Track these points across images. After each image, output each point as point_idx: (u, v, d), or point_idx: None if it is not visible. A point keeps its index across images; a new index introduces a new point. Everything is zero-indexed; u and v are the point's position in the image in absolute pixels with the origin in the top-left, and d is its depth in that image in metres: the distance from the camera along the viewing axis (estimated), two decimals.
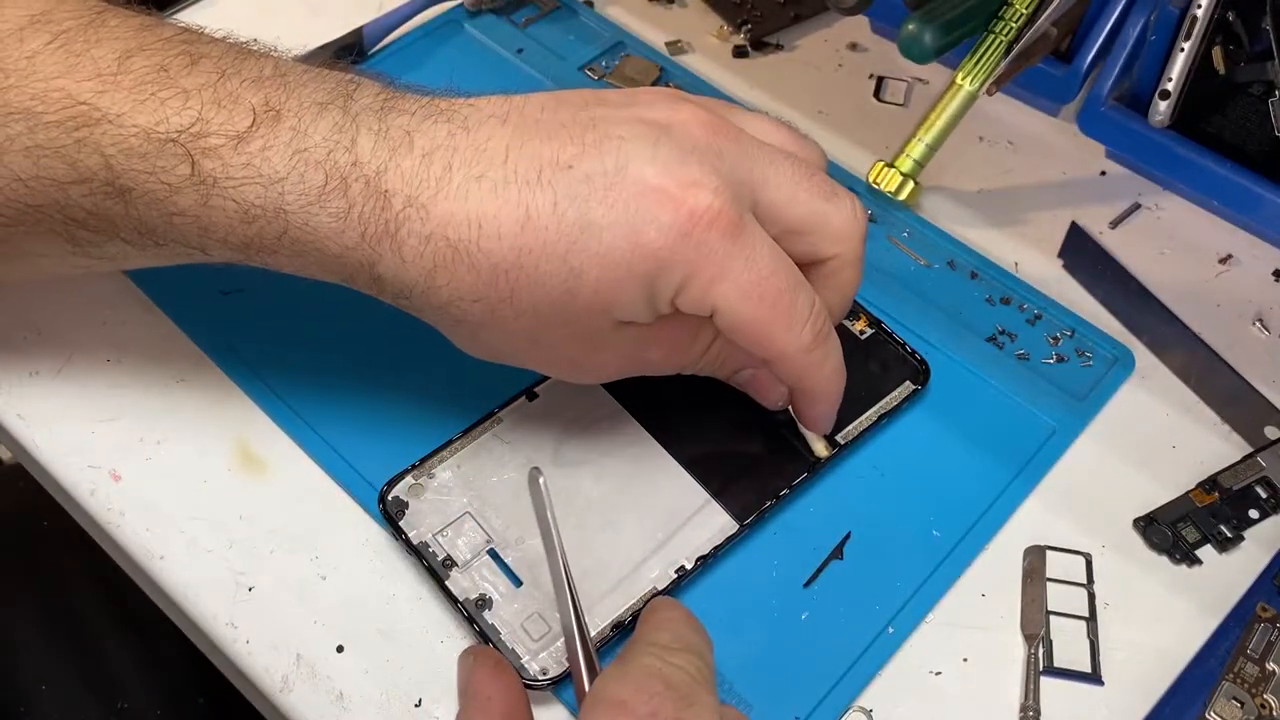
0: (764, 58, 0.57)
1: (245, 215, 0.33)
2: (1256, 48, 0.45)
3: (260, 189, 0.33)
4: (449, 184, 0.33)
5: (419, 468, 0.40)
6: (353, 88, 0.35)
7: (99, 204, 0.34)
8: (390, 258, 0.34)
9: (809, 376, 0.37)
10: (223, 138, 0.33)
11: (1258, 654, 0.38)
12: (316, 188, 0.33)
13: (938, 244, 0.49)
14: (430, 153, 0.33)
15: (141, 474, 0.41)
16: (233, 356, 0.43)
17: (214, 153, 0.33)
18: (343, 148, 0.33)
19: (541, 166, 0.33)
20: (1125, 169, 0.53)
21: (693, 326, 0.37)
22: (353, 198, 0.33)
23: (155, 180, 0.33)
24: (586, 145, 0.34)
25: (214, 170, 0.33)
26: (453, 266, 0.33)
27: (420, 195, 0.33)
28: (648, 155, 0.33)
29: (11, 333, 0.44)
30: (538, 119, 0.35)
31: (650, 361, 0.38)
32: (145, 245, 0.35)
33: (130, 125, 0.33)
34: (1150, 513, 0.42)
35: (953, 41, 0.45)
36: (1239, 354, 0.46)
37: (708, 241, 0.33)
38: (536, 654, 0.37)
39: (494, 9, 0.57)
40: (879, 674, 0.38)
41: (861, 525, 0.41)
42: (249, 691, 0.38)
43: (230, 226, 0.34)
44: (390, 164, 0.33)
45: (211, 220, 0.34)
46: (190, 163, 0.33)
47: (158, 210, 0.34)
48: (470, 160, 0.33)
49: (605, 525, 0.39)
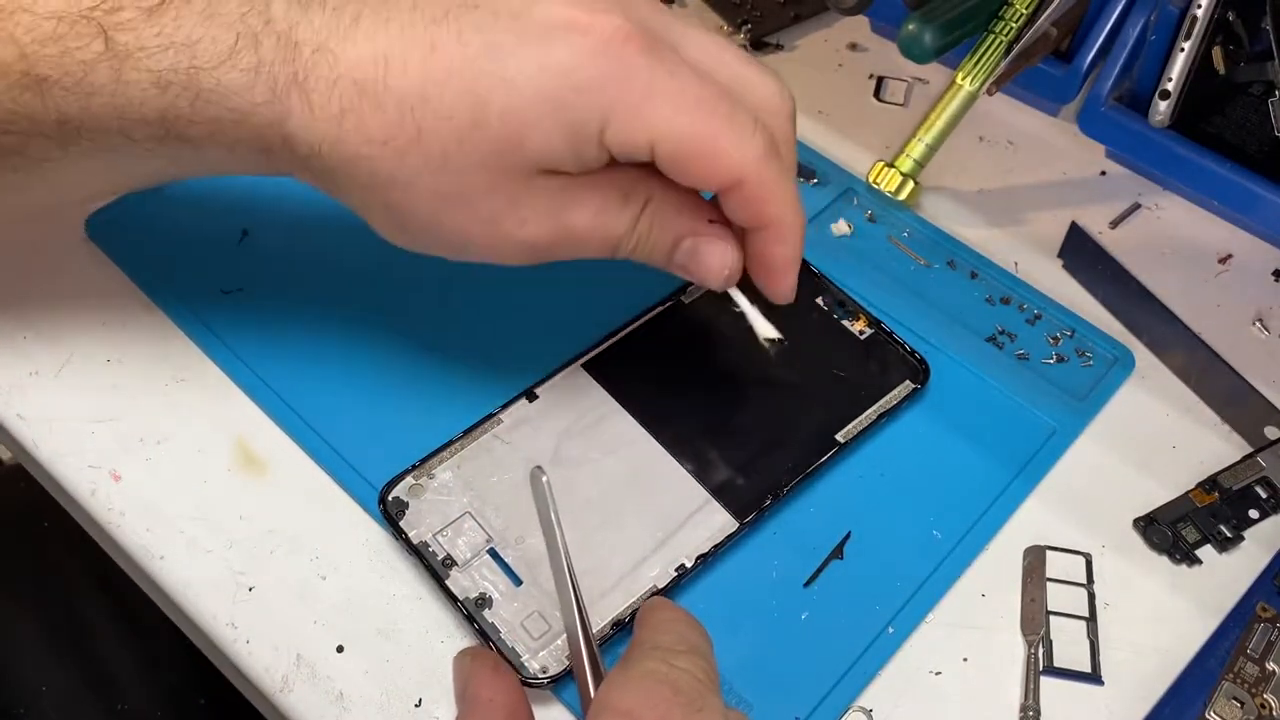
0: (764, 58, 0.57)
1: (159, 82, 0.33)
2: (1256, 48, 0.45)
3: (172, 55, 0.33)
4: (357, 29, 0.33)
5: (419, 468, 0.40)
6: None
7: (17, 98, 0.33)
8: (299, 110, 0.33)
9: (772, 198, 0.34)
10: (135, 10, 0.33)
11: (1258, 654, 0.38)
12: (227, 46, 0.33)
13: (938, 244, 0.49)
14: (341, 6, 0.34)
15: (141, 474, 0.41)
16: (233, 356, 0.43)
17: (127, 25, 0.33)
18: (255, 11, 0.33)
19: (449, 7, 0.33)
20: (1125, 169, 0.53)
21: (623, 184, 0.35)
22: (263, 53, 0.33)
23: (70, 60, 0.33)
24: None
25: (127, 42, 0.33)
26: (360, 109, 0.33)
27: (329, 41, 0.33)
28: None
29: (11, 333, 0.44)
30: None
31: (576, 226, 0.35)
32: (67, 140, 0.35)
33: (44, 10, 0.33)
34: (1150, 513, 0.42)
35: (953, 41, 0.45)
36: (1239, 354, 0.46)
37: (625, 55, 0.32)
38: (536, 653, 0.37)
39: None
40: (879, 674, 0.38)
41: (861, 525, 0.41)
42: (249, 691, 0.38)
43: (145, 98, 0.33)
44: (302, 19, 0.33)
45: (127, 96, 0.33)
46: (104, 38, 0.33)
47: (75, 94, 0.33)
48: (379, 8, 0.33)
49: (605, 524, 0.39)
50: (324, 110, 0.33)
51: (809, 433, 0.42)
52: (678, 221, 0.36)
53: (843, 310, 0.46)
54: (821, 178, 0.51)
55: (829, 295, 0.46)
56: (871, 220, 0.50)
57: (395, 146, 0.33)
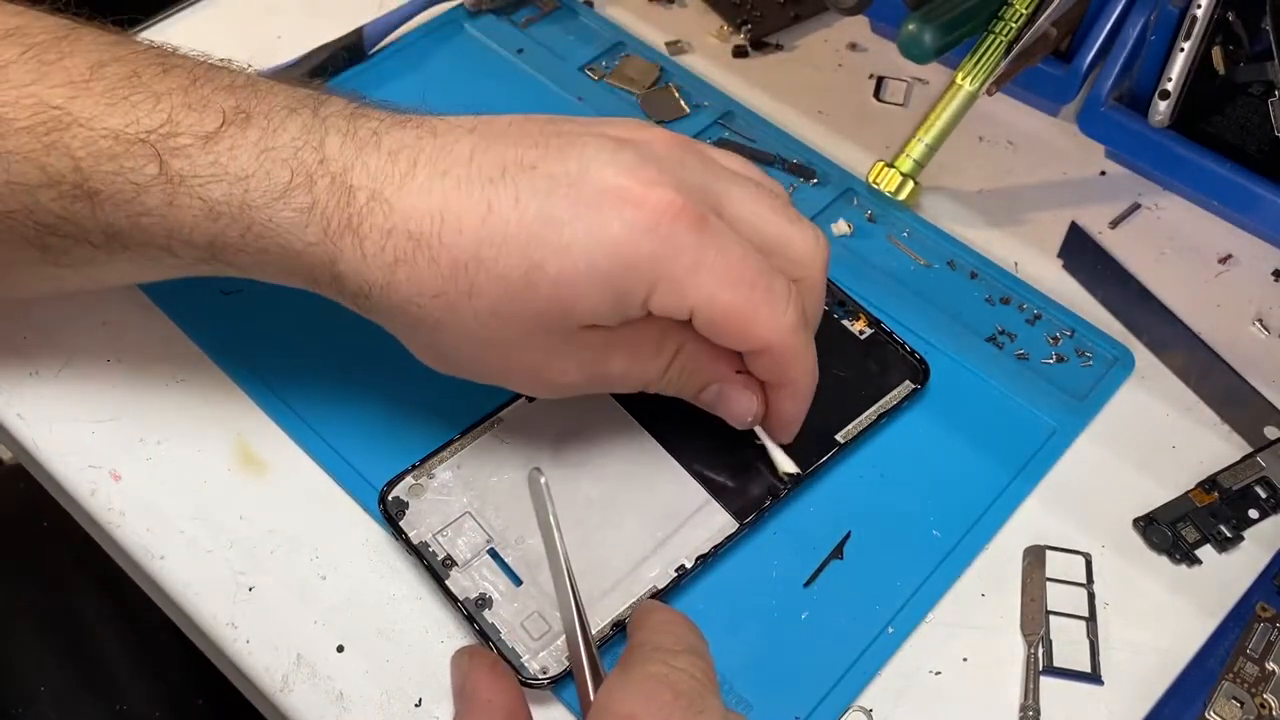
0: (764, 58, 0.57)
1: (210, 212, 0.34)
2: (1256, 48, 0.45)
3: (226, 186, 0.33)
4: (413, 180, 0.33)
5: (419, 468, 0.40)
6: (323, 97, 0.36)
7: (68, 207, 0.34)
8: (351, 253, 0.34)
9: (795, 364, 0.36)
10: (191, 137, 0.33)
11: (1257, 654, 0.38)
12: (282, 184, 0.33)
13: (938, 244, 0.49)
14: (396, 151, 0.34)
15: (141, 474, 0.41)
16: (233, 356, 0.43)
17: (182, 152, 0.33)
18: (310, 147, 0.34)
19: (505, 166, 0.34)
20: (1125, 169, 0.53)
21: (657, 335, 0.36)
22: (317, 193, 0.33)
23: (124, 180, 0.33)
24: (549, 150, 0.34)
25: (181, 169, 0.33)
26: (413, 260, 0.33)
27: (384, 190, 0.33)
28: (609, 159, 0.34)
29: (11, 333, 0.44)
30: (504, 130, 0.35)
31: (612, 374, 0.37)
32: (113, 249, 0.35)
33: (101, 128, 0.33)
34: (1150, 513, 0.42)
35: (953, 41, 0.45)
36: (1239, 354, 0.46)
37: (675, 234, 0.33)
38: (536, 653, 0.37)
39: (494, 9, 0.57)
40: (879, 674, 0.38)
41: (861, 525, 0.41)
42: (249, 691, 0.38)
43: (196, 224, 0.34)
44: (357, 161, 0.34)
45: (178, 219, 0.34)
46: (158, 162, 0.33)
47: (125, 211, 0.34)
48: (435, 159, 0.34)
49: (605, 525, 0.39)
50: (376, 258, 0.34)
51: (809, 433, 0.42)
52: (707, 369, 0.38)
53: (843, 310, 0.46)
54: (821, 178, 0.51)
55: (829, 295, 0.46)
56: (871, 220, 0.50)
57: (447, 300, 0.34)
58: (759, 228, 0.35)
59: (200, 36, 0.55)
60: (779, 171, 0.51)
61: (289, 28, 0.55)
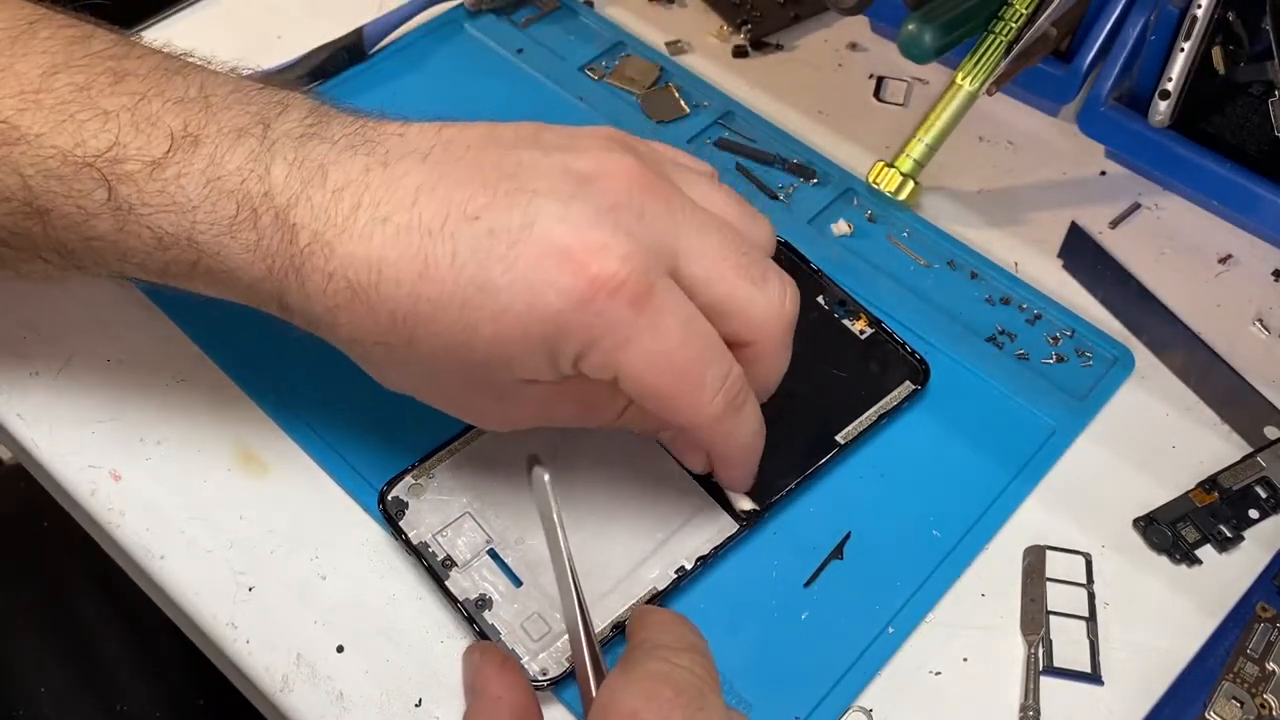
0: (764, 58, 0.57)
1: (160, 243, 0.33)
2: (1256, 48, 0.45)
3: (174, 217, 0.33)
4: (355, 223, 0.32)
5: (419, 468, 0.40)
6: (277, 111, 0.34)
7: (18, 223, 0.34)
8: (296, 291, 0.33)
9: (721, 445, 0.36)
10: (139, 163, 0.33)
11: (1257, 654, 0.38)
12: (228, 217, 0.33)
13: (938, 244, 0.49)
14: (342, 189, 0.33)
15: (141, 474, 0.41)
16: (233, 356, 0.43)
17: (130, 179, 0.33)
18: (256, 176, 0.33)
19: (448, 214, 0.32)
20: (1125, 169, 0.53)
21: (605, 388, 0.34)
22: (262, 229, 0.33)
23: (73, 204, 0.33)
24: (498, 195, 0.32)
25: (129, 196, 0.33)
26: (352, 307, 0.33)
27: (326, 232, 0.33)
28: (558, 213, 0.32)
29: (11, 333, 0.44)
30: (459, 158, 0.33)
31: (564, 418, 0.36)
32: (66, 266, 0.35)
33: (49, 146, 0.33)
34: (1150, 513, 0.42)
35: (953, 41, 0.45)
36: (1239, 354, 0.46)
37: (610, 309, 0.31)
38: (536, 654, 0.37)
39: (494, 9, 0.57)
40: (879, 674, 0.38)
41: (861, 525, 0.41)
42: (249, 691, 0.38)
43: (147, 252, 0.34)
44: (301, 196, 0.33)
45: (128, 245, 0.34)
46: (107, 188, 0.33)
47: (76, 234, 0.34)
48: (380, 199, 0.33)
49: (605, 525, 0.39)
50: (319, 299, 0.33)
51: (809, 434, 0.42)
52: (656, 422, 0.37)
53: (843, 310, 0.45)
54: (821, 178, 0.51)
55: (829, 295, 0.46)
56: (871, 220, 0.50)
57: (387, 346, 0.34)
58: (716, 289, 0.34)
59: (200, 36, 0.55)
60: (779, 171, 0.51)
61: (289, 28, 0.55)
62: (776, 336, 0.35)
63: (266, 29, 0.55)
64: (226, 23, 0.56)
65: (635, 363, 0.32)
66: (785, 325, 0.35)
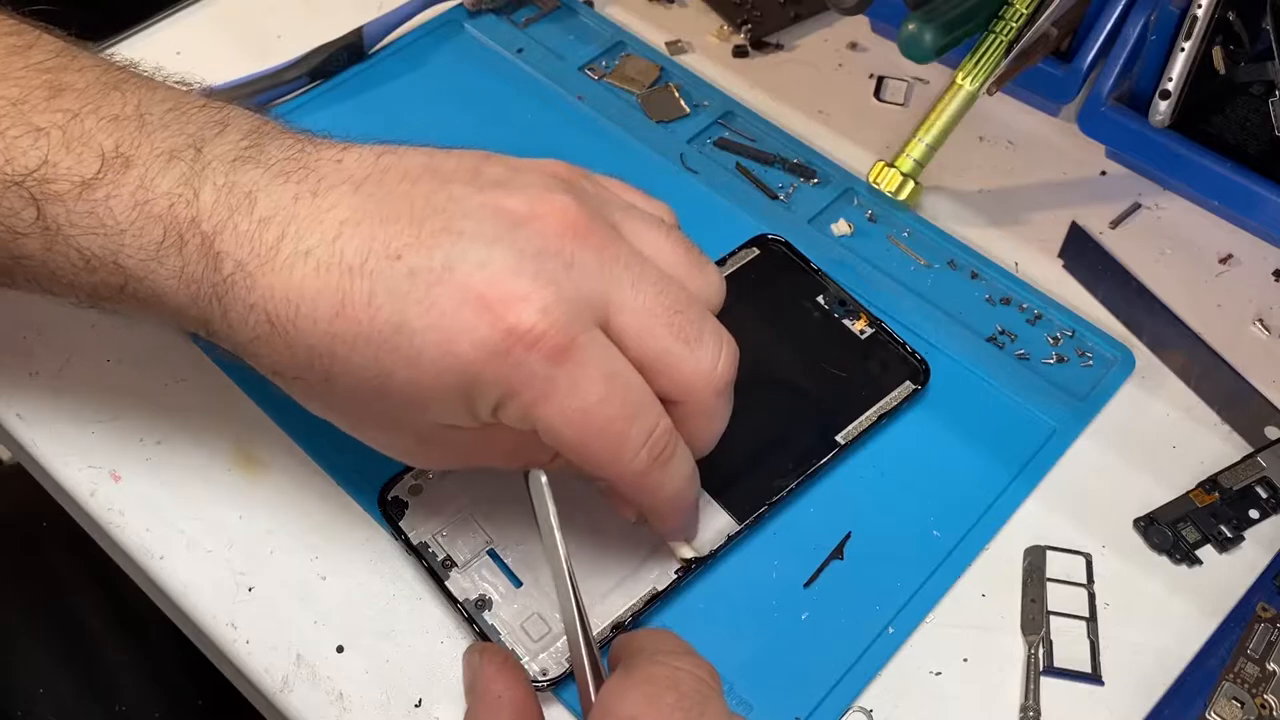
0: (764, 58, 0.57)
1: (87, 265, 0.33)
2: (1256, 48, 0.45)
3: (102, 239, 0.32)
4: (278, 255, 0.32)
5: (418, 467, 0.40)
6: (215, 132, 0.34)
7: None
8: (219, 320, 0.33)
9: (648, 498, 0.35)
10: (68, 183, 0.32)
11: (1258, 654, 0.38)
12: (154, 242, 0.32)
13: (938, 244, 0.49)
14: (269, 218, 0.32)
15: (141, 474, 0.41)
16: (232, 356, 0.43)
17: (58, 199, 0.32)
18: (185, 201, 0.32)
19: (370, 251, 0.31)
20: (1125, 169, 0.53)
21: (532, 435, 0.33)
22: (187, 255, 0.32)
23: (2, 224, 0.33)
24: (422, 234, 0.31)
25: (58, 216, 0.32)
26: (271, 340, 0.32)
27: (249, 262, 0.32)
28: (480, 258, 0.31)
29: (11, 333, 0.44)
30: (391, 190, 0.32)
31: (493, 462, 0.35)
32: (1, 282, 0.35)
33: None
34: (1150, 513, 0.42)
35: (953, 41, 0.45)
36: (1239, 354, 0.46)
37: (526, 363, 0.31)
38: (536, 654, 0.37)
39: (494, 9, 0.57)
40: (879, 674, 0.38)
41: (861, 525, 0.41)
42: (249, 692, 0.38)
43: (74, 273, 0.33)
44: (227, 224, 0.32)
45: (56, 265, 0.33)
46: (35, 207, 0.32)
47: (5, 252, 0.33)
48: (304, 231, 0.32)
49: (604, 526, 0.39)
50: (241, 330, 0.33)
51: (809, 434, 0.42)
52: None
53: (844, 310, 0.45)
54: (822, 178, 0.51)
55: (829, 295, 0.46)
56: (872, 220, 0.50)
57: (306, 382, 0.33)
58: (645, 345, 0.32)
59: (201, 36, 0.55)
60: (779, 171, 0.51)
61: (289, 28, 0.55)
62: (706, 399, 0.34)
63: (266, 29, 0.55)
64: (227, 23, 0.56)
65: (553, 417, 0.31)
66: (716, 388, 0.34)
